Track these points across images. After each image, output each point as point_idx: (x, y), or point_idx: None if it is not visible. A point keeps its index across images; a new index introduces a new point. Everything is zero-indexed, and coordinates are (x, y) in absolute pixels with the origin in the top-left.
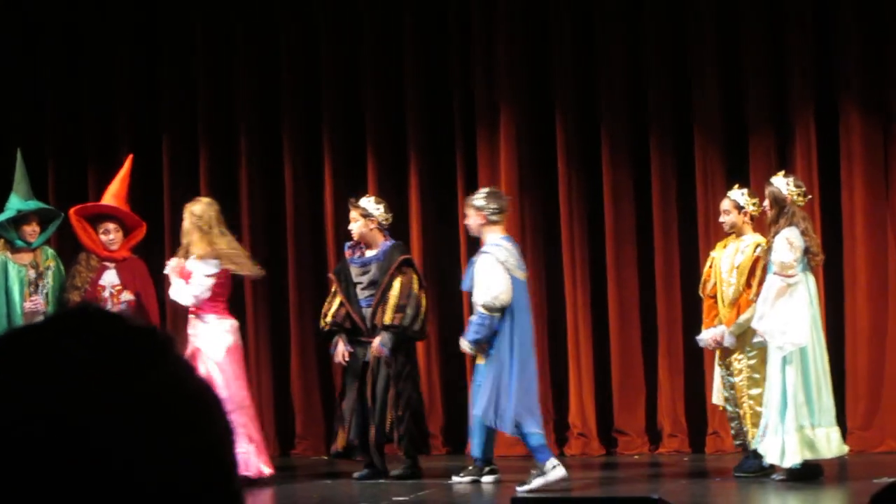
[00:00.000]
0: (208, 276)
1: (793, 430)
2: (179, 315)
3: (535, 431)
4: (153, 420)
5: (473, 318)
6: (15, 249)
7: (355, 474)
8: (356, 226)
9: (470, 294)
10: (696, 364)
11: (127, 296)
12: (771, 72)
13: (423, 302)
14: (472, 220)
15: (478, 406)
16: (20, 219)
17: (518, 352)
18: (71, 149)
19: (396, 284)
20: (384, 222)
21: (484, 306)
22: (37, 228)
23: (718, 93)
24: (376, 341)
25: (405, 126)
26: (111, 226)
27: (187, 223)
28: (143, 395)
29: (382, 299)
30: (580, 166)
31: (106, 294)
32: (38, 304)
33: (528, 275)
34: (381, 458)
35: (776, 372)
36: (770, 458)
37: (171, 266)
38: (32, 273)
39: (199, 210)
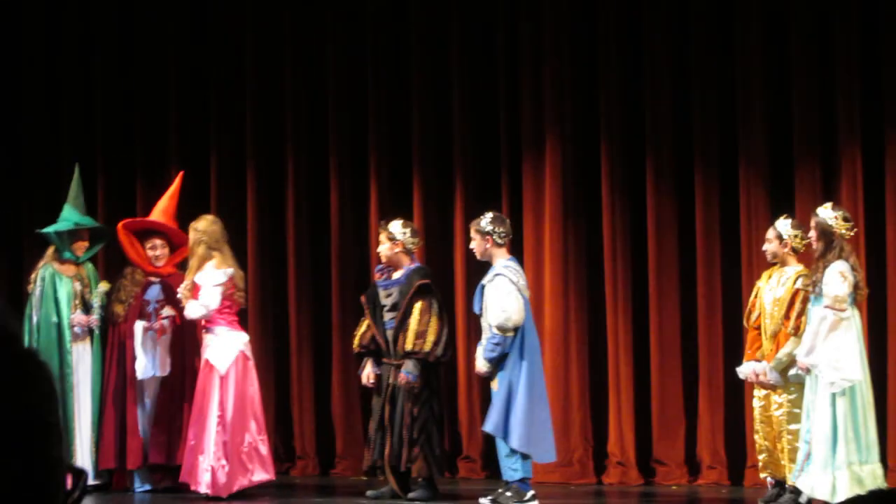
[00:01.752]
0: (217, 284)
1: (844, 467)
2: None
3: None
4: None
5: (488, 338)
6: (61, 261)
7: (368, 493)
8: (383, 248)
9: (480, 316)
10: (736, 395)
11: (168, 311)
12: (817, 102)
13: (443, 328)
14: (479, 244)
15: (489, 421)
16: (74, 233)
17: (528, 369)
18: (121, 164)
19: (416, 310)
20: (410, 246)
21: (498, 327)
22: (87, 244)
23: (764, 123)
24: (402, 370)
25: (452, 151)
26: (158, 241)
27: (192, 240)
28: None
29: (403, 324)
30: (624, 195)
31: (150, 309)
32: (92, 321)
33: (570, 303)
34: (396, 479)
35: (825, 407)
36: (819, 493)
37: (184, 288)
38: (78, 286)
39: (202, 226)
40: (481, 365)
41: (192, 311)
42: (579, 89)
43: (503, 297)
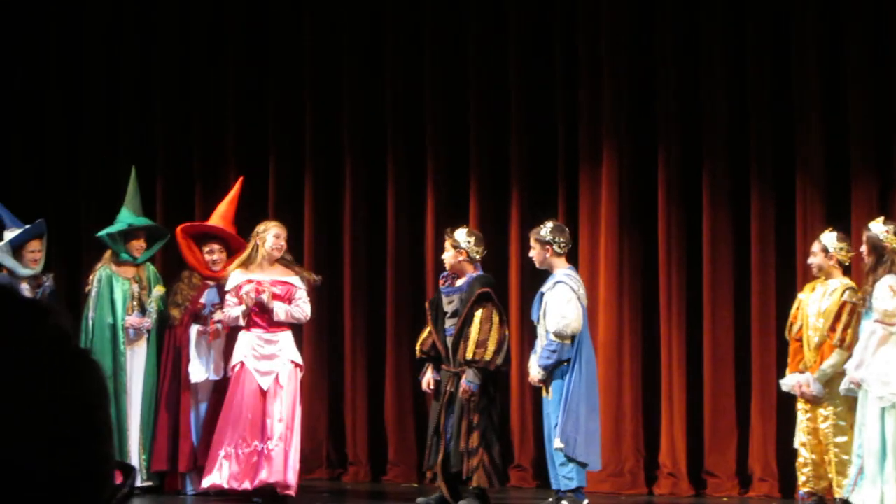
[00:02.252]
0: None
1: (893, 481)
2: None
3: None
4: (28, 370)
5: (545, 345)
6: (119, 262)
7: (419, 500)
8: (448, 256)
9: (537, 323)
10: (788, 408)
11: (219, 315)
12: (875, 114)
13: (504, 336)
14: (538, 252)
15: (557, 440)
16: (129, 233)
17: (586, 378)
18: (180, 168)
19: (476, 319)
20: (474, 255)
21: (556, 334)
22: (143, 244)
23: (821, 136)
24: (463, 380)
25: (509, 160)
26: (216, 246)
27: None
28: (23, 349)
29: (462, 333)
30: (680, 206)
31: (205, 312)
32: (143, 323)
33: (623, 313)
34: (448, 486)
35: (875, 420)
36: None
37: (269, 293)
38: (136, 287)
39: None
40: (536, 373)
41: (295, 313)
42: (636, 100)
43: (563, 303)
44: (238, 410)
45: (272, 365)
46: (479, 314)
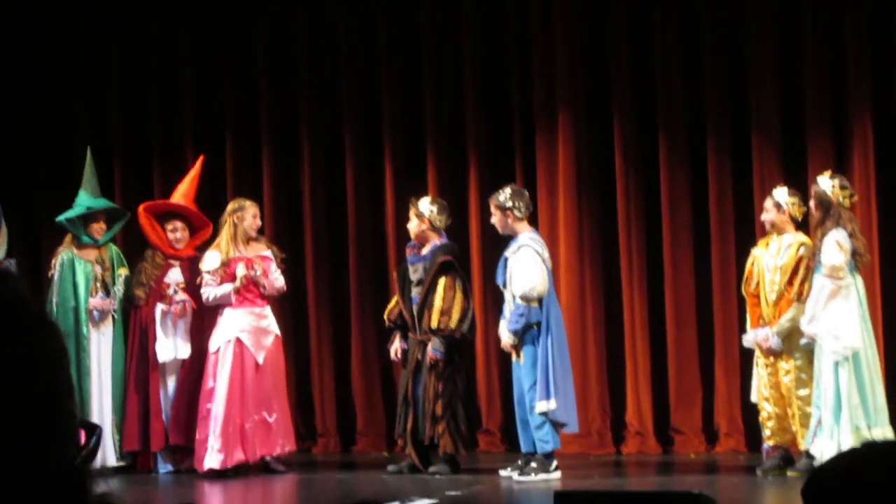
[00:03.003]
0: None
1: (848, 432)
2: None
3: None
4: None
5: (513, 309)
6: (81, 246)
7: (389, 467)
8: (412, 225)
9: (503, 288)
10: (751, 364)
11: (182, 296)
12: (829, 73)
13: (468, 304)
14: (499, 218)
15: (542, 402)
16: (88, 216)
17: (556, 340)
18: (137, 148)
19: (440, 287)
20: (437, 223)
21: (523, 297)
22: (104, 226)
23: (776, 94)
24: (429, 348)
25: (465, 127)
26: (179, 224)
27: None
28: None
29: (427, 300)
30: (638, 167)
31: (170, 291)
32: (106, 304)
33: (585, 276)
34: (418, 453)
35: (829, 374)
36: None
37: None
38: (98, 269)
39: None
40: (507, 338)
41: (277, 285)
42: (591, 63)
43: (528, 267)
44: (238, 386)
45: (266, 339)
46: (442, 282)
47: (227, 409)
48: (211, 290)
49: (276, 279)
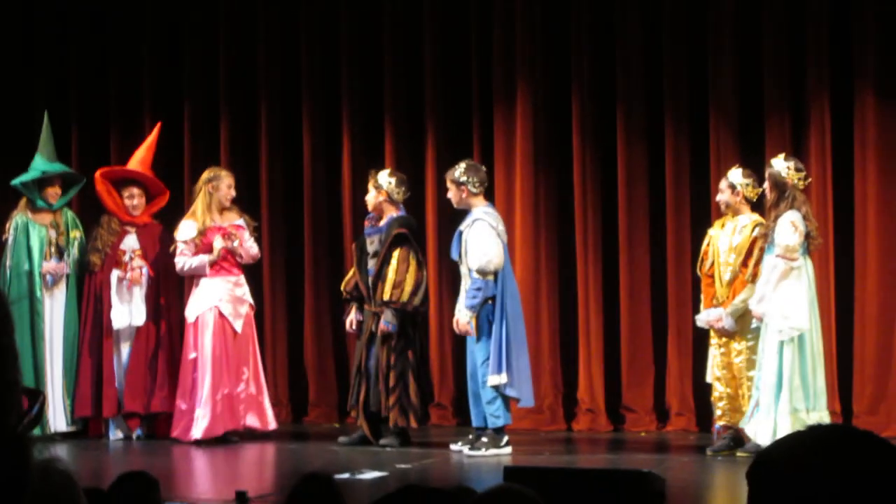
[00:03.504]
0: None
1: (786, 413)
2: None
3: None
4: None
5: (469, 286)
6: (35, 210)
7: (340, 439)
8: (369, 196)
9: (458, 262)
10: (704, 344)
11: (139, 262)
12: (788, 56)
13: (422, 277)
14: (455, 193)
15: (493, 376)
16: (44, 180)
17: (510, 314)
18: (94, 113)
19: (393, 259)
20: (395, 196)
21: (479, 271)
22: (59, 191)
23: (735, 75)
24: (381, 320)
25: (423, 99)
26: (136, 191)
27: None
28: None
29: (381, 273)
30: (595, 144)
31: (126, 258)
32: (60, 268)
33: (540, 251)
34: (370, 426)
35: (772, 354)
36: (761, 438)
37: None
38: (53, 233)
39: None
40: (464, 318)
41: (253, 252)
42: (550, 38)
43: (483, 240)
44: (220, 355)
45: (242, 308)
46: (396, 255)
47: (213, 379)
48: (186, 260)
49: (251, 247)
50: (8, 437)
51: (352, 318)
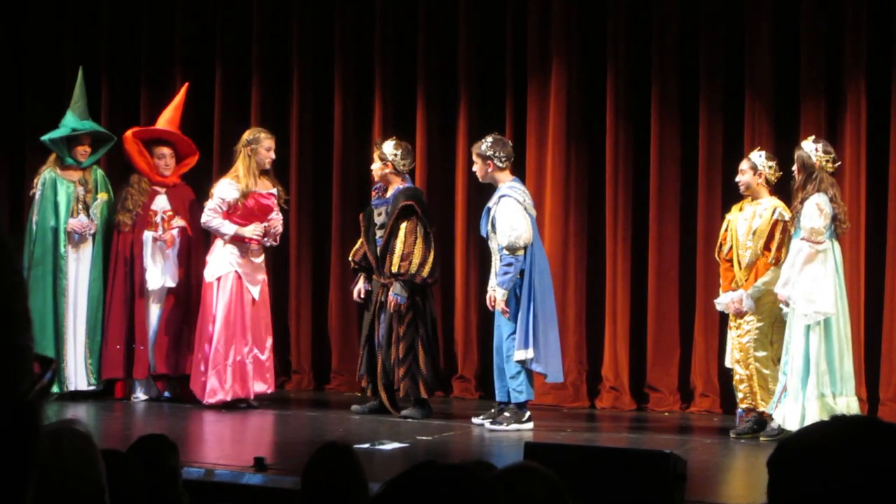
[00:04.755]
0: None
1: (814, 398)
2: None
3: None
4: None
5: (500, 263)
6: (64, 166)
7: (353, 407)
8: (375, 167)
9: (487, 238)
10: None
11: (179, 221)
12: (824, 35)
13: (429, 249)
14: (480, 167)
15: (520, 351)
16: (73, 138)
17: (539, 289)
18: (126, 71)
19: (401, 232)
20: (401, 167)
21: (508, 247)
22: (88, 149)
23: (771, 55)
24: (391, 293)
25: (456, 72)
26: (166, 151)
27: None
28: None
29: (389, 244)
30: (628, 121)
31: (157, 219)
32: (87, 226)
33: (570, 227)
34: (388, 396)
35: (799, 338)
36: (789, 424)
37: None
38: (81, 190)
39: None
40: (500, 296)
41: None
42: (586, 14)
43: (511, 216)
44: (240, 320)
45: (259, 275)
46: (403, 227)
47: (226, 343)
48: (215, 218)
49: (278, 230)
50: (18, 404)
51: (360, 287)
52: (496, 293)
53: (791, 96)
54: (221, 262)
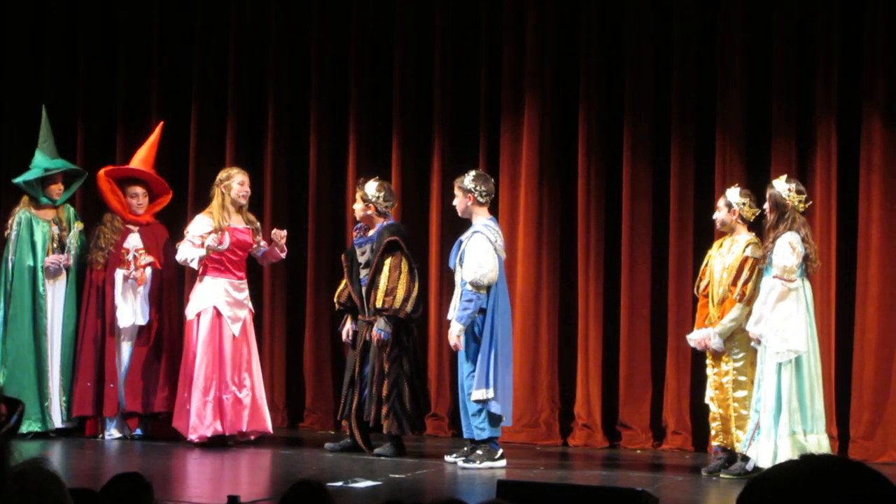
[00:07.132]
0: None
1: (785, 435)
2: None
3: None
4: None
5: (461, 297)
6: (39, 206)
7: (326, 445)
8: (357, 208)
9: (454, 271)
10: (702, 363)
11: (147, 258)
12: (796, 79)
13: (413, 284)
14: (461, 200)
15: (478, 390)
16: (46, 178)
17: (500, 331)
18: (102, 111)
19: (385, 267)
20: (383, 209)
21: (472, 283)
22: (61, 187)
23: (743, 96)
24: (375, 328)
25: (431, 110)
26: (139, 190)
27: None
28: None
29: (374, 282)
30: (601, 160)
31: (129, 257)
32: (62, 261)
33: (542, 265)
34: (361, 434)
35: (771, 375)
36: (762, 461)
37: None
38: (55, 229)
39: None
40: (455, 330)
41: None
42: (560, 54)
43: (480, 253)
44: (217, 356)
45: (241, 312)
46: (388, 262)
47: (205, 381)
48: (186, 251)
49: (282, 235)
50: None
51: (348, 328)
52: (452, 327)
53: (762, 137)
54: (201, 299)
